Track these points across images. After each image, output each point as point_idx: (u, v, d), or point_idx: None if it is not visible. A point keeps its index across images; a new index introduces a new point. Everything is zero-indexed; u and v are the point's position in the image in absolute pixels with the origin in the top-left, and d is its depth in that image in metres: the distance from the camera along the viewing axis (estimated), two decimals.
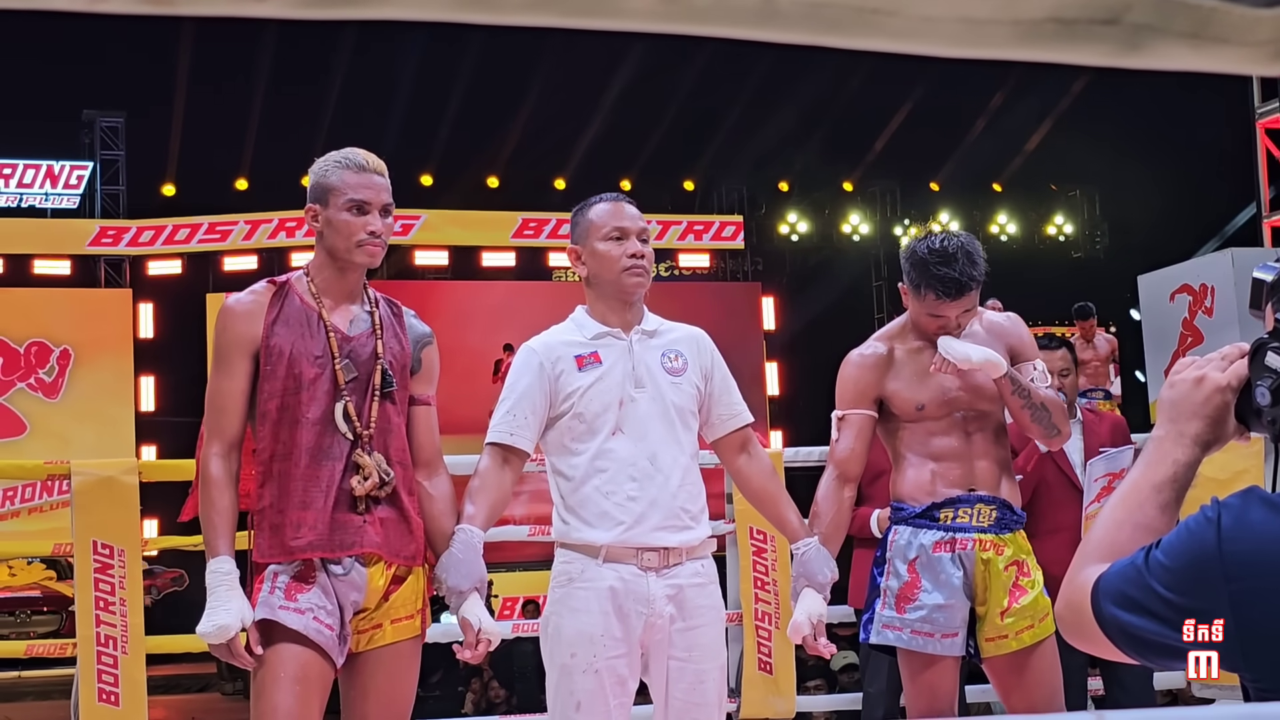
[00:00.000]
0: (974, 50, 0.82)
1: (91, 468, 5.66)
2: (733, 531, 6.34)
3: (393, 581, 3.65)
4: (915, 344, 4.36)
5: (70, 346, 17.66)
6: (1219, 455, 1.93)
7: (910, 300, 4.33)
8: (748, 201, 21.19)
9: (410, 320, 3.82)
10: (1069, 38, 0.83)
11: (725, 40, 0.83)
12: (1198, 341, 11.15)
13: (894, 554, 4.33)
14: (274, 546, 3.54)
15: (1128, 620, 1.77)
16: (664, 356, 3.92)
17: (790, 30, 0.78)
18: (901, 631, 4.28)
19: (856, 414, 4.34)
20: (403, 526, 3.65)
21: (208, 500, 3.56)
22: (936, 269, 4.21)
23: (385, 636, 3.64)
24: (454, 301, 18.34)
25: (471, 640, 3.62)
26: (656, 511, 3.79)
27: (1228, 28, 0.85)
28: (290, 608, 3.50)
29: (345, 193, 3.63)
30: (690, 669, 3.82)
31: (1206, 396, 1.87)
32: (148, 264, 18.56)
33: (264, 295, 3.66)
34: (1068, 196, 22.74)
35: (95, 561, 5.52)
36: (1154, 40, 0.84)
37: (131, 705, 5.51)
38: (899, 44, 0.79)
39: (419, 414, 3.80)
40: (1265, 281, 1.87)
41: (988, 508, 4.29)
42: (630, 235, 3.89)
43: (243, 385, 3.60)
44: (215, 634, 3.46)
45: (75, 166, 18.63)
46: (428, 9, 0.73)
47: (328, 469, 3.57)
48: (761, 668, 6.27)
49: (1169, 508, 1.88)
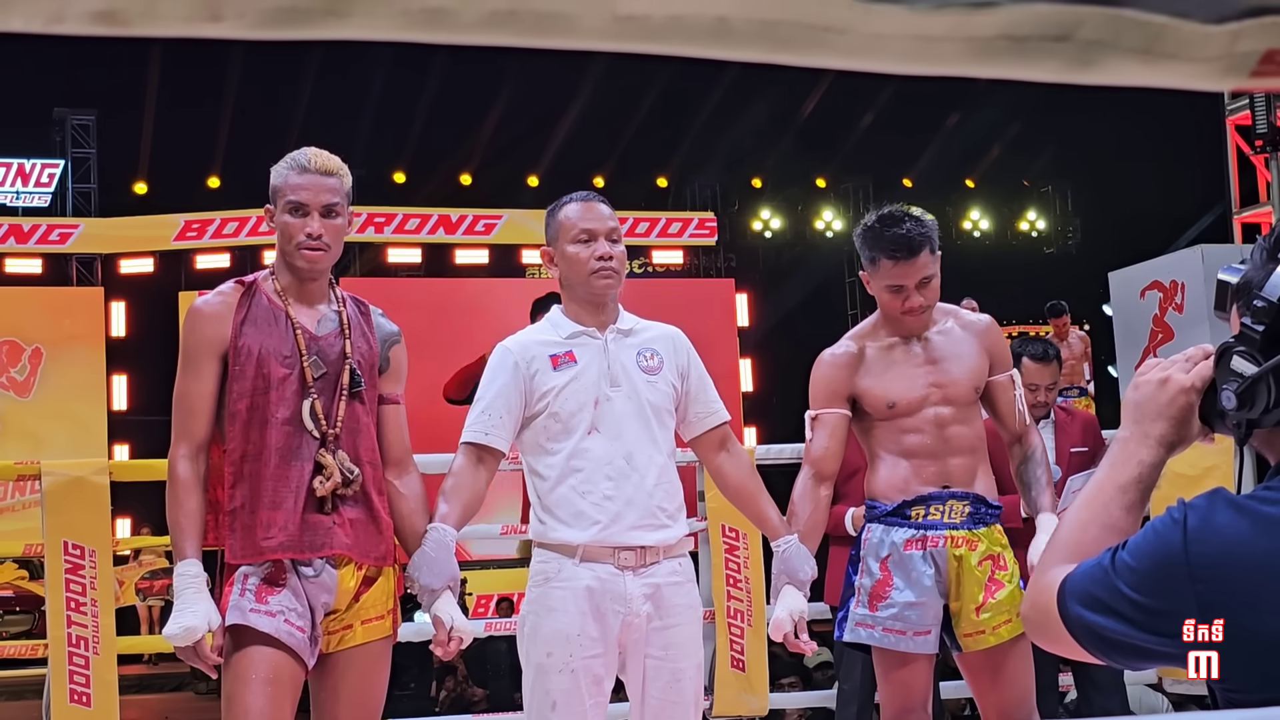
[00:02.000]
0: (927, 68, 0.83)
1: (62, 468, 5.65)
2: (705, 529, 6.35)
3: (363, 583, 3.66)
4: (887, 341, 4.38)
5: (42, 345, 17.58)
6: (1188, 451, 1.94)
7: (871, 283, 4.35)
8: (721, 198, 21.19)
9: (378, 319, 3.82)
10: (1021, 55, 0.83)
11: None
12: (1168, 338, 11.20)
13: (867, 552, 4.35)
14: (246, 547, 3.54)
15: (1094, 621, 1.78)
16: (640, 355, 3.93)
17: (744, 49, 0.79)
18: (874, 629, 4.30)
19: (830, 413, 4.36)
20: (372, 527, 3.65)
21: (175, 502, 3.56)
22: (885, 231, 4.26)
23: (356, 637, 3.65)
24: (427, 299, 18.31)
25: (444, 638, 3.63)
26: (633, 510, 3.80)
27: (1178, 44, 0.85)
28: (261, 610, 3.51)
29: (286, 194, 3.63)
30: (667, 667, 3.83)
31: (1171, 398, 1.88)
32: (119, 262, 18.50)
33: (232, 296, 3.66)
34: (1040, 193, 22.79)
35: (66, 562, 5.51)
36: (1106, 56, 0.85)
37: (103, 706, 5.50)
38: (851, 62, 0.80)
39: (388, 413, 3.80)
40: (1230, 284, 1.87)
41: (960, 504, 4.30)
42: (599, 236, 3.89)
43: (211, 387, 3.60)
44: (181, 636, 3.46)
45: (46, 165, 18.54)
46: (382, 30, 0.74)
47: (297, 469, 3.57)
48: (734, 665, 6.29)
49: (1134, 508, 1.90)
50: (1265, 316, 1.76)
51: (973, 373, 4.37)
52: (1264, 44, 0.86)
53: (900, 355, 4.35)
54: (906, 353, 4.36)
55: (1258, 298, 1.77)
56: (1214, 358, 1.84)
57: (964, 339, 4.40)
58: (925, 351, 4.36)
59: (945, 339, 4.39)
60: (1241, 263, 1.87)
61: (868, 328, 4.45)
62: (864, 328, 4.47)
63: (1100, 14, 0.82)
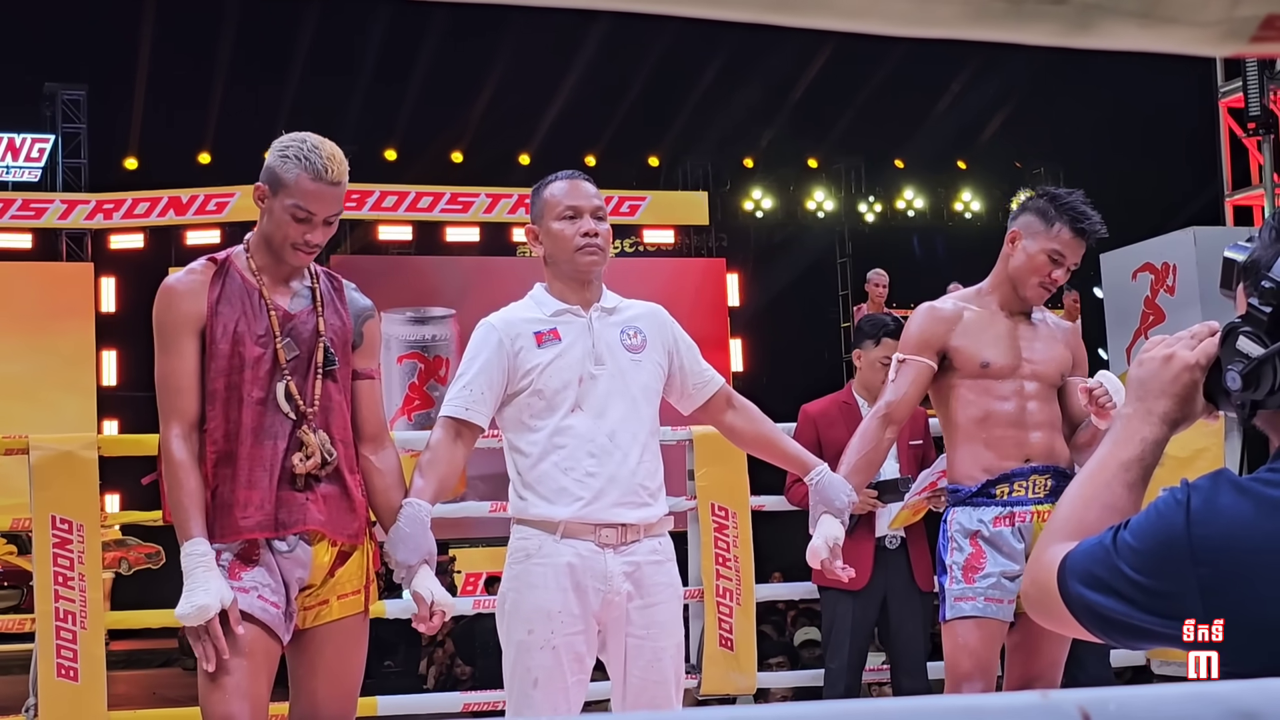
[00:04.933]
0: (923, 30, 0.82)
1: (50, 442, 5.63)
2: (694, 508, 6.34)
3: (337, 558, 3.65)
4: (990, 310, 4.44)
5: (32, 320, 17.54)
6: (1179, 433, 1.94)
7: (1027, 242, 4.41)
8: (712, 178, 21.18)
9: (351, 294, 3.78)
10: (1018, 17, 0.82)
11: (684, 19, 0.82)
12: (1159, 320, 11.20)
13: (955, 532, 4.36)
14: (224, 527, 3.52)
15: (1094, 600, 1.78)
16: (623, 334, 3.92)
17: (741, 8, 0.78)
18: (976, 600, 4.29)
19: (918, 361, 4.39)
20: (345, 504, 3.64)
21: (175, 483, 3.53)
22: (1080, 205, 4.37)
23: (332, 612, 3.64)
24: (418, 276, 18.29)
25: (425, 614, 3.62)
26: (615, 488, 3.79)
27: (1177, 7, 0.85)
28: (235, 586, 3.50)
29: (294, 196, 3.56)
30: (648, 646, 3.83)
31: (1175, 375, 1.88)
32: (110, 238, 18.46)
33: (205, 274, 3.62)
34: (1032, 174, 22.77)
35: (54, 537, 5.49)
36: (1103, 20, 0.84)
37: (90, 680, 5.49)
38: (848, 23, 0.79)
39: (363, 388, 3.77)
40: (1237, 262, 1.86)
41: (1042, 478, 4.32)
42: (584, 214, 3.88)
43: (193, 364, 3.57)
44: (194, 615, 3.43)
45: (36, 139, 18.49)
46: None
47: (271, 448, 3.55)
48: (723, 644, 6.28)
49: (1136, 486, 1.89)
50: (1273, 298, 1.75)
51: (1060, 361, 4.43)
52: (1264, 9, 0.85)
53: (1000, 324, 4.42)
54: (1006, 323, 4.42)
55: (1265, 278, 1.76)
56: (1220, 337, 1.83)
57: (1055, 332, 4.50)
58: (1024, 328, 4.43)
59: (1042, 325, 4.49)
60: (1248, 240, 1.86)
61: (972, 294, 4.51)
62: (969, 293, 4.53)
63: None
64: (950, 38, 0.84)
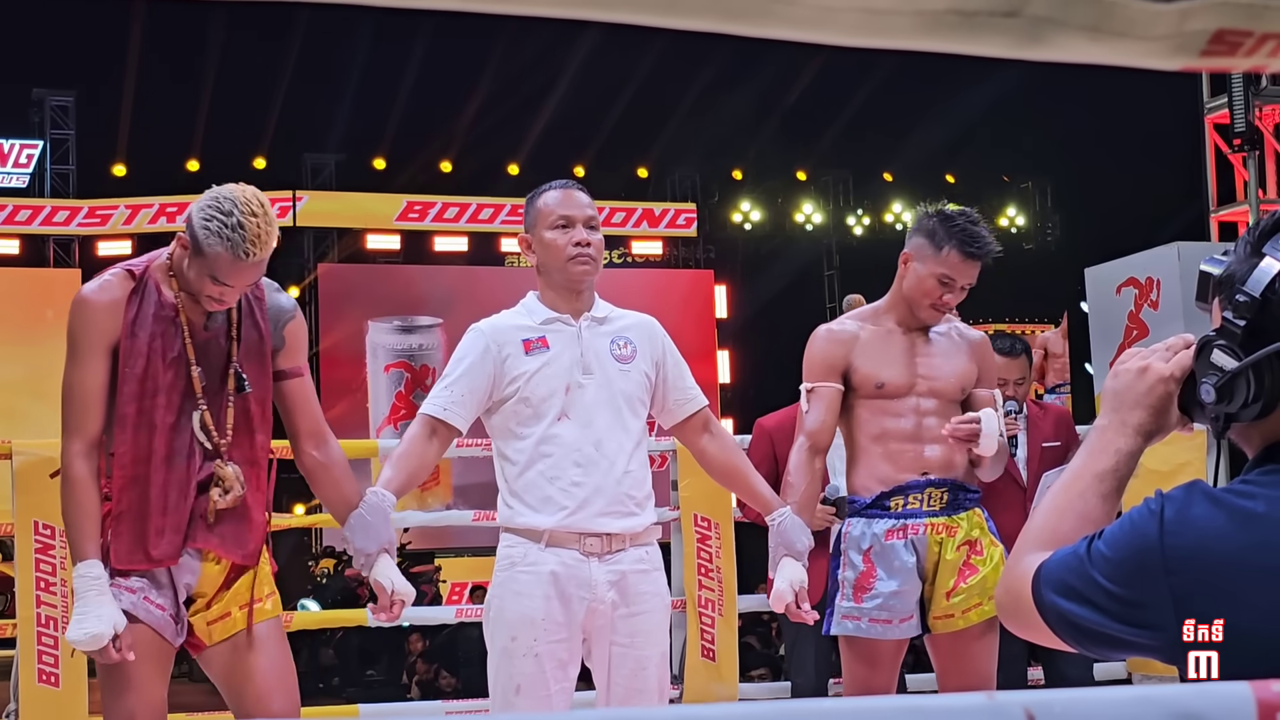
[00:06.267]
0: (875, 40, 0.83)
1: (33, 448, 5.64)
2: (677, 519, 6.35)
3: (231, 570, 3.65)
4: (887, 327, 4.43)
5: (18, 326, 17.50)
6: (1161, 447, 1.95)
7: (917, 265, 4.38)
8: (701, 189, 21.19)
9: (272, 295, 3.71)
10: (970, 29, 0.84)
11: (632, 27, 0.83)
12: (1143, 334, 11.23)
13: (848, 545, 4.39)
14: (134, 553, 3.50)
15: (1068, 609, 1.79)
16: (613, 344, 3.93)
17: (692, 18, 0.79)
18: (860, 620, 4.34)
19: (825, 387, 4.40)
20: (243, 525, 3.63)
21: (72, 501, 3.48)
22: (969, 226, 4.33)
23: (237, 623, 3.64)
24: (406, 286, 18.29)
25: (386, 602, 3.64)
26: (600, 497, 3.80)
27: (1127, 22, 0.86)
28: (122, 587, 3.49)
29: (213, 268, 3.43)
30: (632, 655, 3.84)
31: (1150, 386, 1.89)
32: (97, 244, 18.43)
33: (121, 290, 3.56)
34: (1020, 188, 22.83)
35: (36, 542, 5.50)
36: (1054, 33, 0.85)
37: (72, 686, 5.49)
38: (799, 33, 0.80)
39: (293, 388, 3.73)
40: (1212, 275, 1.87)
41: (938, 491, 4.34)
42: (577, 223, 3.90)
43: (102, 380, 3.51)
44: (88, 642, 3.42)
45: (25, 145, 18.45)
46: None
47: (183, 469, 3.53)
48: (705, 654, 6.29)
49: (1110, 497, 1.90)
50: (1247, 311, 1.76)
51: (961, 375, 4.43)
52: (1213, 23, 0.87)
53: (897, 342, 4.41)
54: (903, 341, 4.41)
55: (1240, 292, 1.77)
56: (1194, 350, 1.85)
57: (959, 345, 4.47)
58: (921, 345, 4.42)
59: (943, 340, 4.46)
60: (1224, 254, 1.87)
61: (869, 312, 4.50)
62: (865, 312, 4.52)
63: None
64: (902, 49, 0.86)
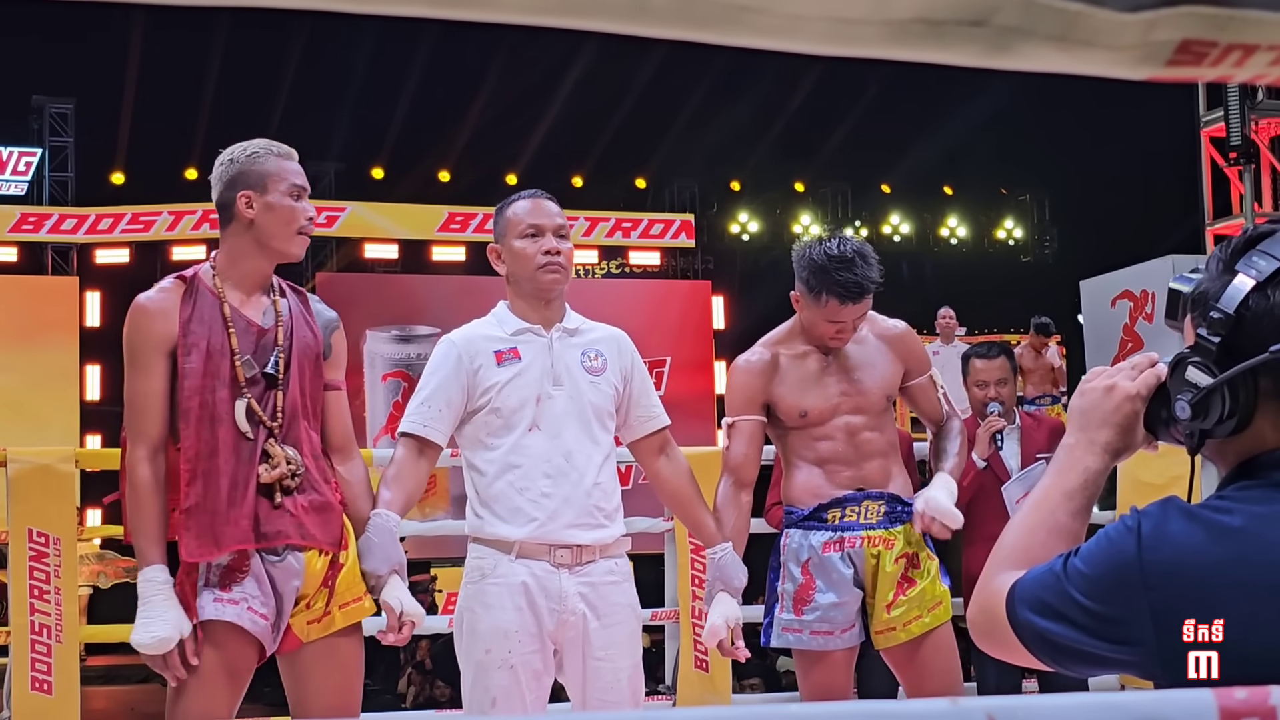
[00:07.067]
0: (844, 49, 0.84)
1: (28, 455, 5.63)
2: (671, 530, 6.35)
3: (331, 566, 3.65)
4: (801, 349, 4.42)
5: (16, 334, 17.50)
6: (1155, 461, 1.96)
7: (805, 306, 4.35)
8: (699, 200, 21.19)
9: (316, 305, 3.80)
10: (938, 38, 0.84)
11: (607, 35, 0.84)
12: (1138, 346, 11.26)
13: (787, 557, 4.42)
14: (204, 544, 3.51)
15: (1044, 627, 1.79)
16: (584, 355, 3.94)
17: (661, 26, 0.80)
18: (801, 633, 4.38)
19: (746, 420, 4.40)
20: (323, 514, 3.64)
21: (137, 506, 3.53)
22: (838, 274, 4.24)
23: (335, 623, 3.65)
24: (404, 295, 18.28)
25: (395, 624, 3.63)
26: (570, 509, 3.81)
27: (1093, 31, 0.87)
28: (225, 599, 3.50)
29: (288, 176, 3.62)
30: (607, 667, 3.85)
31: (1116, 405, 1.90)
32: (95, 252, 18.43)
33: (175, 292, 3.63)
34: (1018, 201, 22.86)
35: (30, 550, 5.49)
36: (1022, 42, 0.86)
37: (64, 695, 5.49)
38: (768, 41, 0.81)
39: (330, 399, 3.79)
40: (1183, 293, 1.88)
41: (875, 504, 4.37)
42: (546, 232, 3.90)
43: (162, 385, 3.57)
44: (154, 646, 3.44)
45: (24, 153, 18.44)
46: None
47: (248, 463, 3.55)
48: (698, 665, 6.29)
49: (1080, 514, 1.91)
50: (1221, 328, 1.77)
51: (884, 382, 4.42)
52: (1179, 33, 0.88)
53: (814, 364, 4.39)
54: (820, 362, 4.40)
55: (1214, 309, 1.78)
56: (1169, 367, 1.85)
57: (878, 348, 4.45)
58: (838, 362, 4.41)
59: (859, 349, 4.43)
60: (1193, 272, 1.88)
61: (783, 334, 4.48)
62: (779, 334, 4.49)
63: (1016, 0, 0.84)
64: (870, 57, 0.86)
